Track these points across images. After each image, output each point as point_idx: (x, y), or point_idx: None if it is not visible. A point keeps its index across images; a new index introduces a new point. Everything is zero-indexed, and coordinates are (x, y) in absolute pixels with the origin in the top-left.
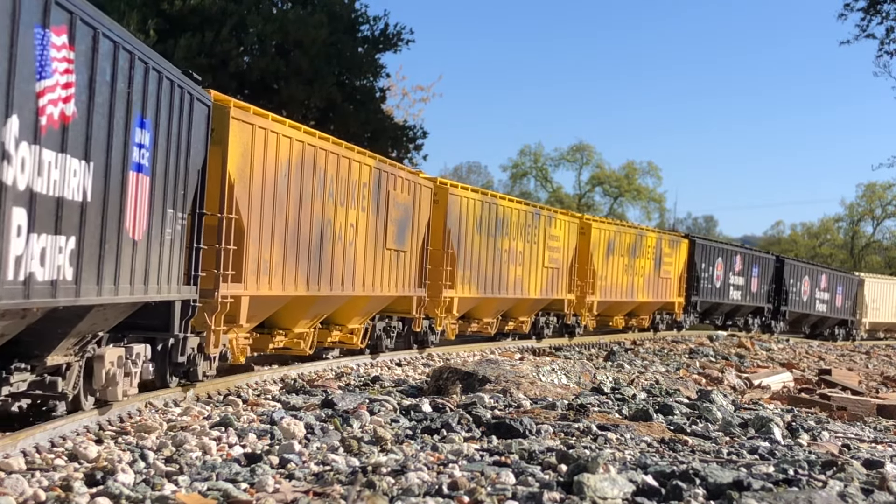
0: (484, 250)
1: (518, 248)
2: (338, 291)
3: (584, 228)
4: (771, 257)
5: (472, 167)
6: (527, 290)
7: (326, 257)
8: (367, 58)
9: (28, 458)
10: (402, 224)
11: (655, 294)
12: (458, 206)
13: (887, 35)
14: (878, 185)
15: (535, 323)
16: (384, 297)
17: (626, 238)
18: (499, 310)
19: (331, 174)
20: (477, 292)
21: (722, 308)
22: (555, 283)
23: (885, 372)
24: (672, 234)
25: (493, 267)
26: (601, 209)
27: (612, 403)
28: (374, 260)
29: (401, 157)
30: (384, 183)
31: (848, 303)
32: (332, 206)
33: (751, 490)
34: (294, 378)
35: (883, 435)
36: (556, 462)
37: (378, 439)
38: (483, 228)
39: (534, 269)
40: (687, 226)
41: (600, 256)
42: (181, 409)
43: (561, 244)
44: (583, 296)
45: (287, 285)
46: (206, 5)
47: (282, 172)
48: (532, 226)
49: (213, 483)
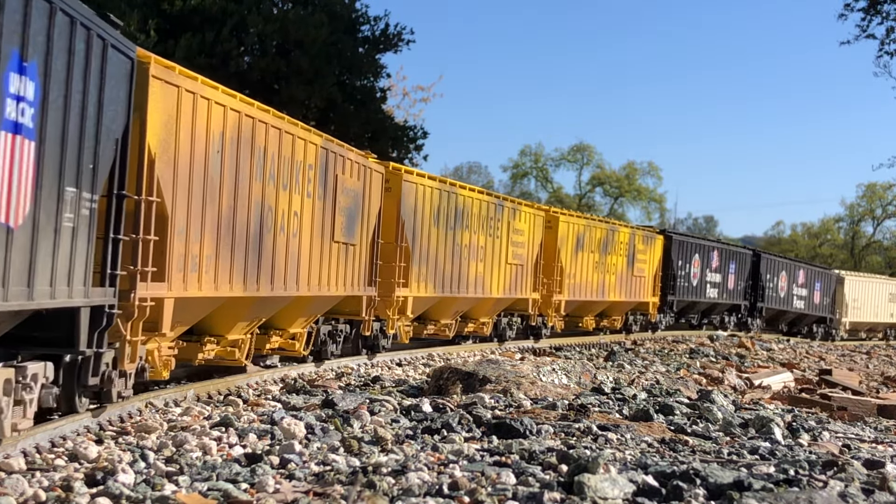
0: (442, 245)
1: (479, 242)
2: (280, 291)
3: (551, 222)
4: (748, 252)
5: (473, 167)
6: (489, 289)
7: (267, 251)
8: (368, 58)
9: (28, 459)
10: (352, 213)
11: (628, 293)
12: (412, 195)
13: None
14: (879, 185)
15: (497, 324)
16: (331, 298)
17: (596, 233)
18: (458, 310)
19: (272, 152)
20: (434, 291)
21: (698, 307)
22: (519, 281)
23: (885, 372)
24: (646, 229)
25: (452, 263)
26: (602, 209)
27: (613, 403)
28: (321, 254)
29: (401, 158)
30: (332, 165)
31: (826, 299)
32: (273, 190)
33: (751, 490)
34: (294, 378)
35: (883, 435)
36: (556, 462)
37: (378, 439)
38: (441, 220)
39: (496, 266)
40: (687, 226)
41: (568, 252)
42: (181, 409)
43: (526, 239)
44: (549, 295)
45: (221, 285)
46: (207, 5)
47: (214, 148)
48: (495, 218)
49: (214, 483)
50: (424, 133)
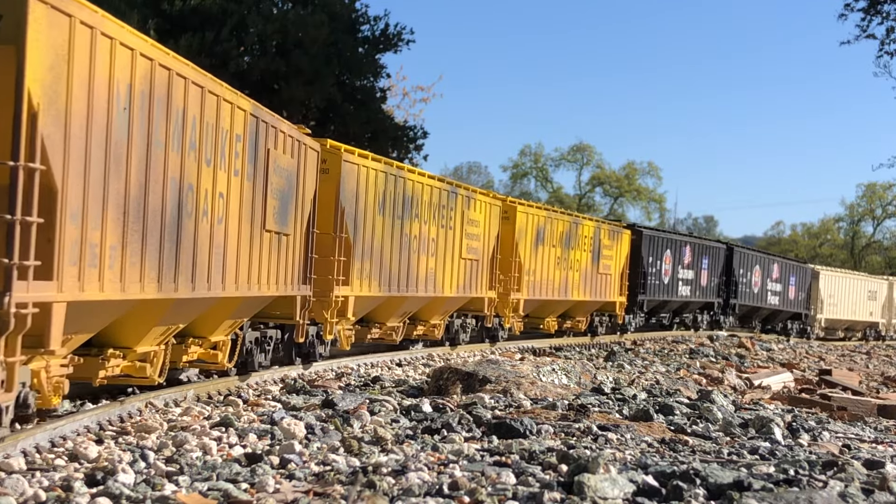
0: (388, 236)
1: (431, 234)
2: (203, 291)
3: (508, 212)
4: (721, 246)
5: (473, 167)
6: (441, 287)
7: (187, 241)
8: (368, 58)
9: (28, 458)
10: (285, 197)
11: (594, 292)
12: (354, 178)
13: (887, 35)
14: (879, 185)
15: (450, 326)
16: (261, 298)
17: (558, 226)
18: (406, 312)
19: (193, 116)
20: (379, 290)
21: (670, 306)
22: (474, 279)
23: (885, 372)
24: (613, 223)
25: (400, 257)
26: (602, 209)
27: (613, 403)
28: (251, 246)
29: (401, 158)
30: (263, 137)
31: (802, 295)
32: (194, 165)
33: (751, 490)
34: (294, 378)
35: (883, 435)
36: (556, 462)
37: (378, 439)
38: (387, 208)
39: (449, 261)
40: (687, 226)
41: (527, 246)
42: (181, 409)
43: (481, 231)
44: (506, 294)
45: (129, 284)
46: (207, 5)
47: (119, 104)
48: (448, 207)
49: (214, 483)
50: (424, 133)
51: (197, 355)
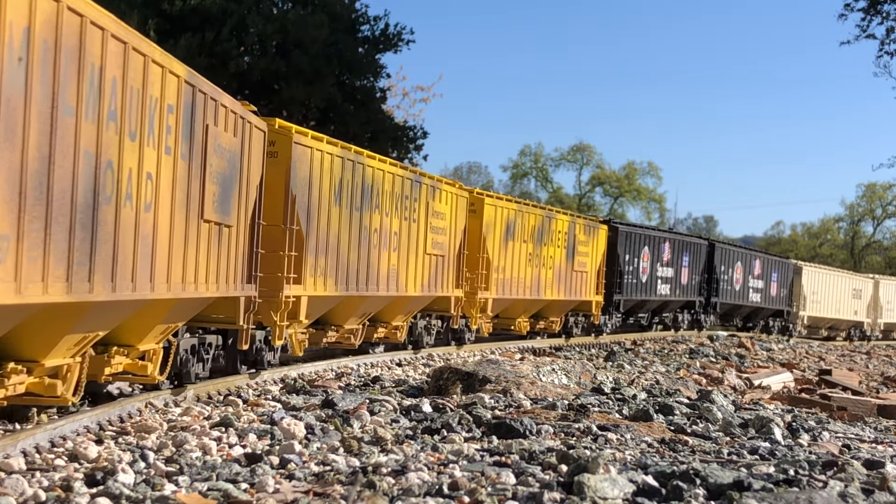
0: (345, 229)
1: (393, 227)
2: (125, 293)
3: (475, 205)
4: (702, 243)
5: (473, 167)
6: (404, 286)
7: (105, 231)
8: (368, 58)
9: (28, 458)
10: (227, 182)
11: (568, 291)
12: (306, 163)
13: (887, 35)
14: (879, 185)
15: (413, 328)
16: (198, 300)
17: (529, 220)
18: (366, 312)
19: (114, 77)
20: (336, 289)
21: (648, 305)
22: (440, 276)
23: (885, 372)
24: (588, 218)
25: (359, 253)
26: (602, 209)
27: (613, 403)
28: (186, 238)
29: (401, 158)
30: (201, 111)
31: (784, 291)
32: (115, 138)
33: (751, 490)
34: (294, 378)
35: (883, 435)
36: (556, 462)
37: (378, 439)
38: (344, 197)
39: (413, 257)
40: (687, 226)
41: (496, 242)
42: (181, 410)
43: (447, 224)
44: (473, 292)
45: (27, 284)
46: (207, 5)
47: (13, 52)
48: (411, 198)
49: (214, 483)
50: (424, 133)
51: (123, 366)
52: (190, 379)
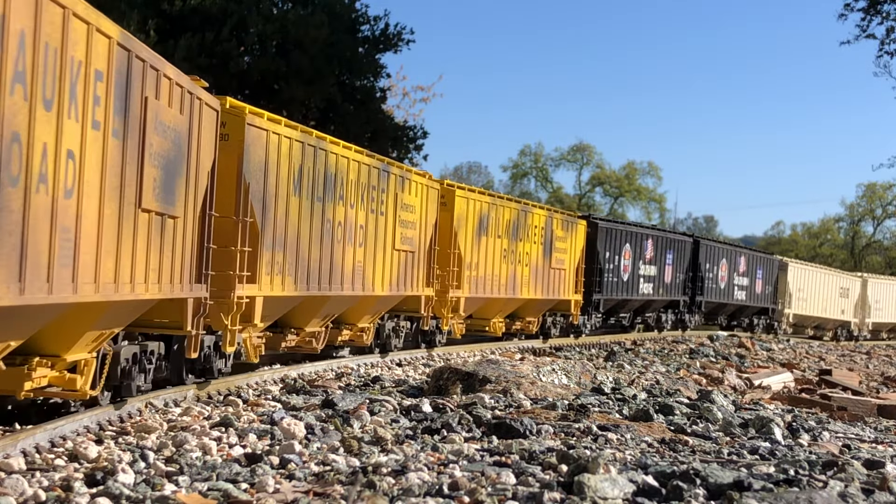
0: (306, 221)
1: (359, 219)
2: (39, 295)
3: (446, 197)
4: (687, 239)
5: (473, 167)
6: (370, 285)
7: (11, 220)
8: (368, 58)
9: (28, 458)
10: (172, 166)
11: (546, 290)
12: (262, 147)
13: (887, 35)
14: (879, 185)
15: (381, 330)
16: (136, 303)
17: (504, 213)
18: (329, 313)
19: (21, 30)
20: (295, 288)
21: (630, 305)
22: (409, 274)
23: (885, 372)
24: (565, 213)
25: (322, 248)
26: (602, 209)
27: (613, 404)
28: (121, 231)
29: (401, 158)
30: (139, 80)
31: (769, 288)
32: (23, 105)
33: (751, 490)
34: (294, 378)
35: (883, 435)
36: (556, 462)
37: (378, 439)
38: (305, 187)
39: (381, 253)
40: (687, 226)
41: (468, 237)
42: (181, 410)
43: (417, 217)
44: (444, 291)
45: None
46: (207, 5)
47: None
48: (379, 188)
49: (214, 483)
50: (424, 133)
51: (47, 379)
52: (130, 392)
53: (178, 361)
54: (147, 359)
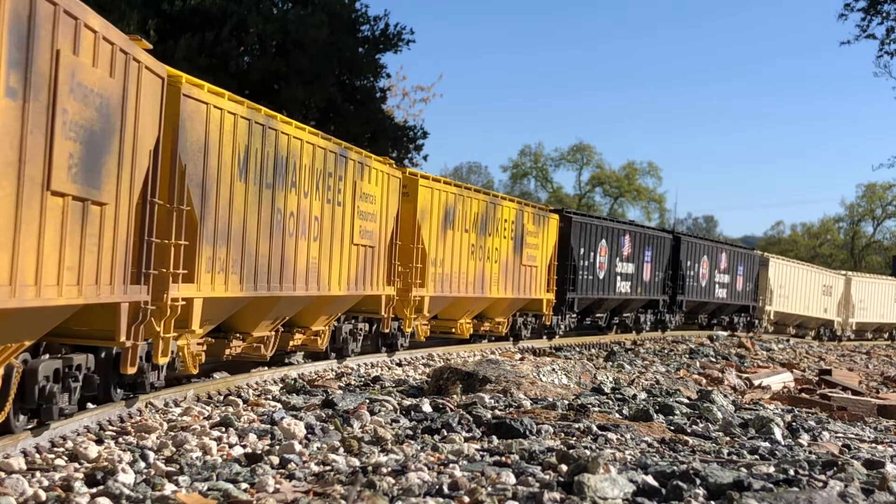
0: (253, 211)
1: (313, 210)
2: None
3: (408, 187)
4: (666, 236)
5: (473, 167)
6: (326, 283)
7: None
8: (368, 58)
9: (28, 458)
10: (97, 140)
11: (517, 288)
12: (202, 124)
13: (887, 35)
14: (879, 185)
15: (336, 334)
16: (48, 311)
17: (472, 206)
18: (280, 316)
19: None
20: (241, 288)
21: (606, 305)
22: (368, 271)
23: (885, 372)
24: (537, 206)
25: (272, 242)
26: (602, 209)
27: (613, 403)
28: (18, 217)
29: (401, 158)
30: (47, 29)
31: (750, 285)
32: None
33: (751, 490)
34: (294, 378)
35: (883, 435)
36: (556, 462)
37: (378, 439)
38: (252, 171)
39: (337, 248)
40: (687, 226)
41: (433, 230)
42: (181, 410)
43: (377, 209)
44: (407, 289)
45: None
46: (207, 5)
47: None
48: (336, 175)
49: (214, 483)
50: (424, 133)
51: None
52: (52, 415)
53: (107, 378)
54: (70, 373)
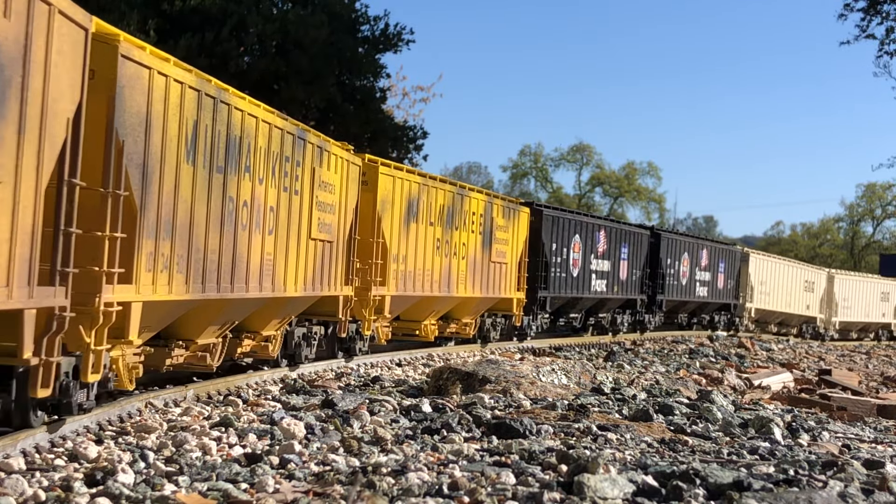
0: (202, 199)
1: (269, 199)
2: None
3: (368, 175)
4: (644, 232)
5: (473, 167)
6: (282, 283)
7: None
8: (368, 58)
9: (28, 459)
10: None
11: (486, 287)
12: (143, 93)
13: (887, 35)
14: (878, 185)
15: (289, 338)
16: None
17: (437, 197)
18: (229, 320)
19: None
20: (187, 289)
21: (581, 304)
22: (326, 269)
23: (885, 372)
24: (507, 199)
25: (223, 236)
26: (602, 209)
27: (613, 404)
28: None
29: (401, 158)
30: None
31: (731, 282)
32: None
33: (751, 490)
34: (294, 378)
35: (883, 435)
36: (556, 462)
37: (378, 439)
38: (202, 152)
39: (294, 243)
40: (687, 226)
41: (395, 223)
42: (181, 410)
43: (337, 199)
44: (366, 288)
45: None
46: (206, 5)
47: None
48: (293, 160)
49: (214, 483)
50: (424, 133)
51: None
52: None
53: (24, 398)
54: None
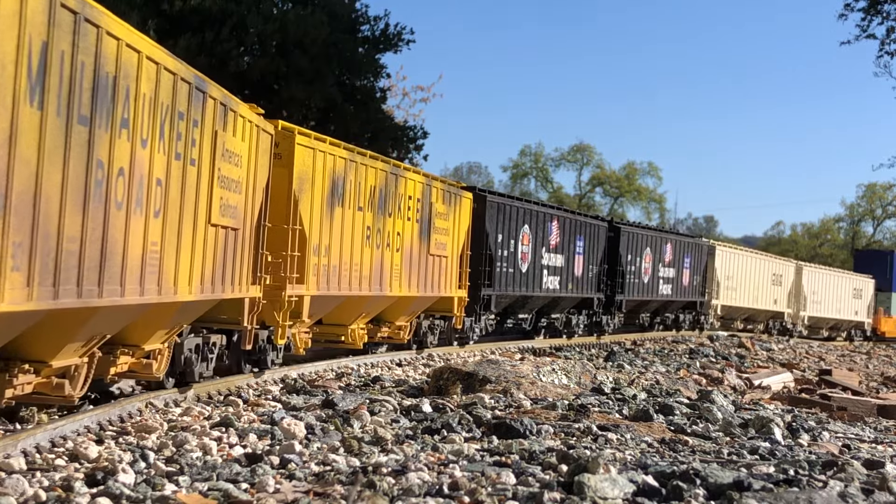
0: (56, 163)
1: (156, 168)
2: None
3: (282, 145)
4: (602, 224)
5: (473, 167)
6: (171, 284)
7: None
8: (368, 58)
9: (28, 458)
10: None
11: (423, 284)
12: None
13: (888, 35)
14: (879, 185)
15: (178, 352)
16: None
17: (367, 176)
18: (97, 332)
19: None
20: (29, 295)
21: (531, 304)
22: (229, 263)
23: (885, 372)
24: (447, 182)
25: (87, 216)
26: (602, 209)
27: (613, 404)
28: None
29: (401, 158)
30: None
31: (697, 279)
32: None
33: (751, 490)
34: (294, 378)
35: (883, 435)
36: (556, 462)
37: (378, 439)
38: (54, 92)
39: (189, 229)
40: (687, 226)
41: (316, 207)
42: (182, 410)
43: (244, 173)
44: (280, 286)
45: None
46: (206, 5)
47: None
48: (189, 118)
49: (214, 483)
50: (424, 133)
51: None
52: None
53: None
54: None
